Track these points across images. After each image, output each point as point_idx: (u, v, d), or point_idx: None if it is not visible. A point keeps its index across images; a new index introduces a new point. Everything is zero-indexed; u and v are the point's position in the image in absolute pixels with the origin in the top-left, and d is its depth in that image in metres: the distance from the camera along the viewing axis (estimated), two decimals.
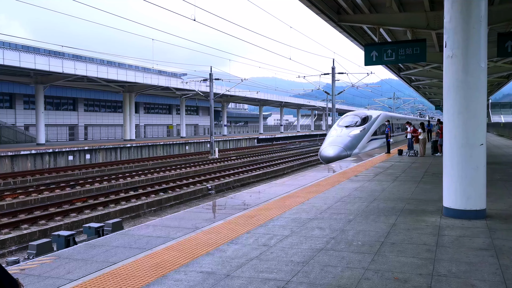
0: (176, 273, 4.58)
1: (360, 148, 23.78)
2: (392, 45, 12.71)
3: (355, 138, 23.99)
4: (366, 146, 24.63)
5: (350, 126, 25.46)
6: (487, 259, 4.86)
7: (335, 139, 24.07)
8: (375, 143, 26.21)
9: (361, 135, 24.48)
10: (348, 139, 23.75)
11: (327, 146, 23.46)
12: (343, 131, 24.86)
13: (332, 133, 25.33)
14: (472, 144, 6.76)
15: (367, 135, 24.93)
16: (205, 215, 7.68)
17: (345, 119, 26.96)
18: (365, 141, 24.58)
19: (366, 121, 25.92)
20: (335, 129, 25.79)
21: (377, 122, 26.68)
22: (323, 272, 4.52)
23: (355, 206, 8.06)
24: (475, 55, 6.68)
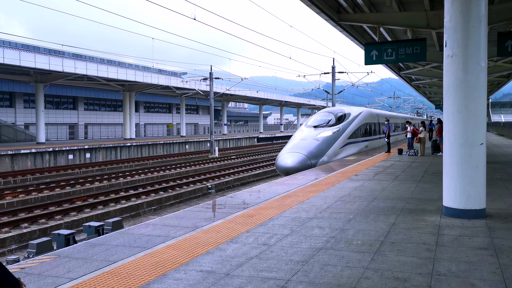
0: (176, 272, 4.59)
1: (330, 155, 18.40)
2: (392, 44, 12.72)
3: (325, 142, 18.54)
4: (340, 152, 19.30)
5: (320, 126, 20.12)
6: (486, 258, 4.86)
7: (297, 144, 18.46)
8: (353, 148, 20.90)
9: (333, 138, 19.08)
10: (314, 143, 18.28)
11: (285, 153, 17.70)
12: (311, 132, 19.43)
13: (296, 136, 19.76)
14: (472, 143, 6.76)
15: (341, 138, 19.57)
16: (205, 214, 7.68)
17: (316, 117, 21.55)
18: (339, 145, 19.25)
19: (342, 120, 20.63)
20: (301, 130, 20.32)
21: (357, 121, 21.46)
22: (322, 271, 4.53)
23: (355, 206, 8.07)
24: (475, 54, 6.68)
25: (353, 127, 20.94)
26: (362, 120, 22.22)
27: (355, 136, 21.03)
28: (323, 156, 17.83)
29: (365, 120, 22.88)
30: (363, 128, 22.58)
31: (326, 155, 18.00)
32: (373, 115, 25.18)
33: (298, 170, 15.88)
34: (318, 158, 17.53)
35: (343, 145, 19.58)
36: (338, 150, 19.08)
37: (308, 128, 20.14)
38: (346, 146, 19.84)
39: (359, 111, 22.72)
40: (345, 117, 20.94)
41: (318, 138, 18.65)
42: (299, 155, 17.31)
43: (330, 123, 20.37)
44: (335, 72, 35.38)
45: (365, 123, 22.85)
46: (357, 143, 21.58)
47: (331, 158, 18.28)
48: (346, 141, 19.87)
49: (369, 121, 23.94)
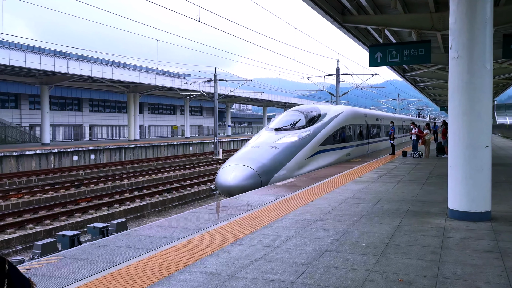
0: (180, 274, 4.59)
1: (291, 168, 13.98)
2: (397, 46, 12.69)
3: (285, 151, 14.21)
4: (307, 164, 14.87)
5: (284, 128, 15.86)
6: (492, 261, 4.84)
7: (246, 154, 13.98)
8: (327, 158, 16.46)
9: (298, 145, 14.79)
10: (269, 152, 13.88)
11: (227, 167, 13.19)
12: (269, 138, 15.12)
13: (249, 142, 15.42)
14: (477, 145, 6.74)
15: (310, 145, 15.21)
16: (209, 216, 7.69)
17: (281, 117, 17.35)
18: (305, 154, 14.87)
19: (315, 121, 16.51)
20: (259, 134, 16.23)
21: (335, 122, 17.25)
22: (327, 274, 4.52)
23: (359, 208, 8.05)
24: (481, 56, 6.67)
25: (329, 130, 16.64)
26: (342, 121, 18.06)
27: (331, 142, 16.73)
28: (281, 170, 13.44)
29: (347, 122, 18.79)
30: (344, 131, 18.46)
31: (285, 169, 13.60)
32: (358, 116, 21.46)
33: (244, 189, 11.67)
34: (272, 173, 13.09)
35: (313, 153, 15.28)
36: (305, 161, 14.69)
37: (268, 132, 15.84)
38: (317, 155, 15.56)
39: (340, 110, 18.74)
40: (318, 118, 16.78)
41: (277, 146, 14.25)
42: (245, 169, 12.70)
43: (298, 125, 16.15)
44: (340, 74, 35.35)
45: (347, 125, 18.79)
46: (334, 151, 17.11)
47: (292, 172, 13.87)
48: (317, 149, 15.55)
49: (353, 123, 19.89)
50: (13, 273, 1.62)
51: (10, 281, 1.59)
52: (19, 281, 1.64)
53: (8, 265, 1.59)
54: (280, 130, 15.83)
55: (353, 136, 19.84)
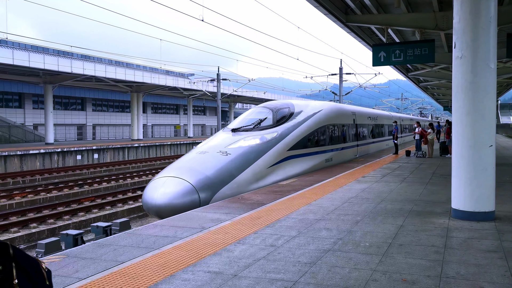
0: (184, 273, 4.60)
1: (246, 180, 11.04)
2: (400, 46, 12.67)
3: (239, 158, 11.31)
4: (270, 174, 11.94)
5: (244, 129, 13.06)
6: (495, 261, 4.82)
7: (187, 162, 11.13)
8: (300, 164, 13.58)
9: (258, 150, 11.90)
10: (217, 161, 11.01)
11: (158, 180, 10.23)
12: (223, 140, 12.43)
13: (197, 147, 12.35)
14: (481, 145, 6.72)
15: (275, 150, 12.31)
16: (212, 215, 7.70)
17: (245, 115, 14.52)
18: (268, 161, 11.96)
19: (285, 120, 13.79)
20: (214, 136, 13.43)
21: (310, 122, 14.51)
22: (330, 273, 4.52)
23: (362, 207, 8.04)
24: (485, 56, 6.65)
25: (304, 130, 13.90)
26: (321, 120, 15.32)
27: (305, 145, 13.96)
28: (229, 184, 10.48)
29: (328, 121, 16.01)
30: (324, 132, 15.58)
31: (235, 182, 10.64)
32: (344, 114, 18.76)
33: (175, 210, 8.97)
34: (217, 188, 10.15)
35: (279, 160, 12.37)
36: (266, 170, 11.75)
37: (224, 134, 13.15)
38: (284, 162, 12.66)
39: (319, 107, 15.92)
40: (291, 116, 14.06)
41: (229, 151, 11.45)
42: (179, 183, 9.76)
43: (264, 124, 13.32)
44: (343, 73, 35.31)
45: (328, 125, 15.94)
46: (308, 156, 14.20)
47: (246, 186, 10.95)
48: (284, 154, 12.68)
49: (337, 122, 17.03)
50: (19, 256, 1.63)
51: (18, 264, 1.59)
52: (27, 263, 1.65)
53: (12, 249, 1.60)
54: (238, 131, 12.92)
55: (336, 137, 16.89)
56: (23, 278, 1.57)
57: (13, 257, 1.57)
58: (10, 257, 1.56)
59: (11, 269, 1.54)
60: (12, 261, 1.55)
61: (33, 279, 1.61)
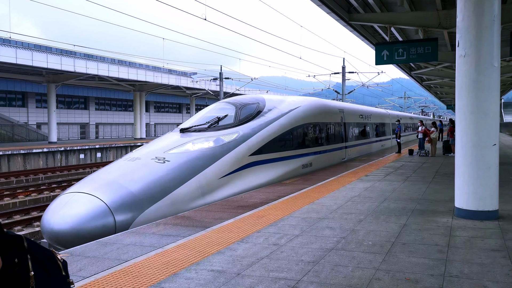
0: (187, 271, 4.61)
1: (186, 195, 8.70)
2: (403, 44, 12.64)
3: (181, 167, 9.12)
4: (223, 185, 9.72)
5: (196, 129, 10.94)
6: (499, 260, 4.82)
7: (109, 172, 8.80)
8: (267, 173, 11.30)
9: (209, 156, 9.79)
10: (150, 170, 8.78)
11: (63, 196, 7.80)
12: (169, 143, 10.32)
13: (131, 152, 10.30)
14: (484, 144, 6.71)
15: (232, 155, 10.18)
16: (215, 214, 7.70)
17: (204, 112, 12.38)
18: (220, 170, 9.76)
19: (251, 118, 11.62)
20: (160, 138, 11.29)
21: (284, 121, 12.45)
22: (333, 272, 4.52)
23: (365, 206, 8.04)
24: (488, 54, 6.63)
25: (273, 130, 11.73)
26: (298, 118, 13.27)
27: (275, 148, 11.73)
28: (161, 201, 8.12)
29: (307, 119, 13.95)
30: (302, 132, 13.52)
31: (169, 198, 8.25)
32: (328, 111, 16.64)
33: (81, 238, 6.85)
34: (142, 207, 7.83)
35: (238, 167, 10.18)
36: (217, 181, 9.48)
37: (172, 135, 11.06)
38: (245, 169, 10.45)
39: (297, 103, 13.92)
40: (259, 114, 11.94)
41: (168, 158, 9.25)
42: (88, 201, 7.48)
43: (223, 123, 11.24)
44: (345, 72, 35.26)
45: (307, 124, 13.91)
46: (279, 162, 11.92)
47: (187, 203, 8.56)
48: (245, 160, 10.47)
49: (319, 121, 14.92)
50: (34, 248, 1.65)
51: (33, 256, 1.61)
52: (42, 254, 1.67)
53: (26, 241, 1.62)
54: (188, 132, 10.80)
55: (317, 138, 14.79)
56: (39, 269, 1.58)
57: (28, 249, 1.59)
58: (24, 249, 1.58)
59: (27, 261, 1.56)
60: (27, 253, 1.57)
61: (49, 270, 1.62)
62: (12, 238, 1.57)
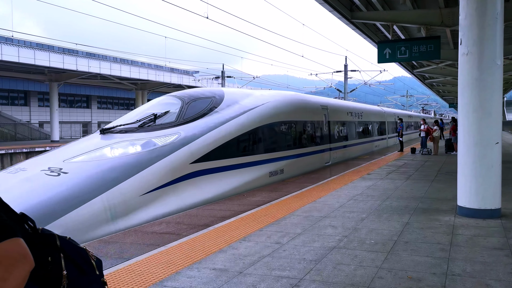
0: (189, 270, 4.61)
1: (93, 219, 6.59)
2: (405, 42, 12.63)
3: (82, 182, 6.88)
4: (148, 204, 7.50)
5: (123, 129, 9.21)
6: (502, 258, 4.80)
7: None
8: (217, 185, 9.28)
9: (131, 166, 7.59)
10: (36, 188, 6.61)
11: None
12: (81, 146, 8.56)
13: (25, 161, 8.84)
14: (487, 142, 6.69)
15: (164, 164, 8.03)
16: (217, 212, 7.71)
17: (144, 108, 10.72)
18: (145, 184, 7.54)
19: (199, 116, 9.78)
20: (78, 141, 9.72)
21: (244, 120, 10.59)
22: (335, 271, 4.51)
23: (367, 205, 8.03)
24: (491, 52, 6.60)
25: (229, 131, 9.89)
26: (265, 115, 11.35)
27: (230, 153, 9.83)
28: (49, 226, 5.52)
29: (277, 117, 11.93)
30: (269, 133, 11.54)
31: (61, 225, 6.21)
32: (307, 107, 14.76)
33: None
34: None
35: (174, 179, 8.18)
36: (138, 199, 7.42)
37: (92, 137, 9.37)
38: (185, 181, 8.43)
39: (266, 99, 12.00)
40: (212, 110, 10.13)
41: (66, 168, 7.28)
42: None
43: (161, 121, 9.44)
44: (348, 71, 35.21)
45: (276, 123, 11.90)
46: (235, 171, 9.92)
47: (89, 231, 6.60)
48: (186, 169, 8.49)
49: (293, 119, 13.08)
50: (67, 246, 1.63)
51: (66, 255, 1.59)
52: (75, 253, 1.64)
53: (59, 240, 1.60)
54: (111, 132, 8.99)
55: (292, 139, 12.83)
56: (72, 268, 1.56)
57: (61, 247, 1.57)
58: (57, 248, 1.56)
59: (60, 260, 1.54)
60: (60, 252, 1.56)
61: (83, 269, 1.60)
62: (45, 236, 1.56)
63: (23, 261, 1.33)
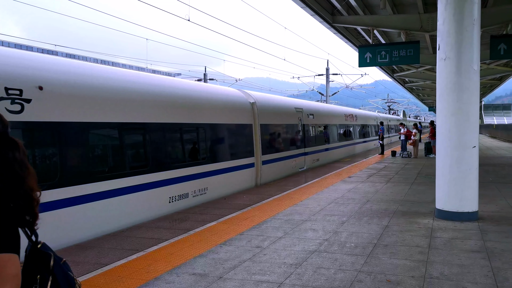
0: (168, 275, 4.55)
1: None
2: (386, 47, 12.77)
3: None
4: None
5: None
6: (479, 261, 4.87)
7: None
8: None
9: None
10: None
11: None
12: None
13: None
14: (464, 146, 6.79)
15: None
16: (198, 216, 7.65)
17: None
18: None
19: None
20: None
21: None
22: (316, 274, 4.51)
23: (348, 208, 8.07)
24: (468, 57, 6.71)
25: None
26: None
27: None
28: None
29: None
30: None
31: None
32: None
33: None
34: None
35: None
36: None
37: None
38: None
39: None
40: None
41: None
42: None
43: None
44: (329, 74, 35.47)
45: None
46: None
47: None
48: None
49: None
50: (58, 270, 1.63)
51: (54, 279, 1.60)
52: (64, 279, 1.65)
53: (54, 261, 1.61)
54: None
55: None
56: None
57: (52, 270, 1.59)
58: (49, 270, 1.58)
59: (47, 282, 1.56)
60: (50, 275, 1.58)
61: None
62: (42, 254, 1.59)
63: (13, 280, 1.38)
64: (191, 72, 45.21)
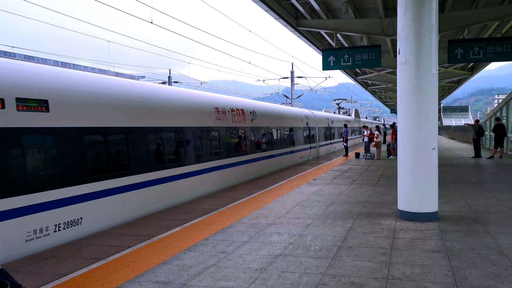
0: (130, 284, 4.43)
1: None
2: (348, 50, 12.98)
3: None
4: None
5: None
6: (439, 261, 4.98)
7: None
8: None
9: None
10: None
11: None
12: None
13: None
14: (424, 147, 6.95)
15: None
16: (162, 222, 7.51)
17: None
18: None
19: None
20: None
21: None
22: (281, 279, 4.50)
23: (313, 210, 8.12)
24: (427, 61, 6.89)
25: None
26: None
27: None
28: None
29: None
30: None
31: None
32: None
33: None
34: None
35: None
36: None
37: None
38: None
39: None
40: None
41: None
42: None
43: None
44: (294, 77, 35.78)
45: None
46: None
47: None
48: None
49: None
50: (7, 279, 1.57)
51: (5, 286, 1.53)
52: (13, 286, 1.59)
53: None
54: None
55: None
56: None
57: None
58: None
59: None
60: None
61: None
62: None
63: None
64: (155, 75, 44.61)
